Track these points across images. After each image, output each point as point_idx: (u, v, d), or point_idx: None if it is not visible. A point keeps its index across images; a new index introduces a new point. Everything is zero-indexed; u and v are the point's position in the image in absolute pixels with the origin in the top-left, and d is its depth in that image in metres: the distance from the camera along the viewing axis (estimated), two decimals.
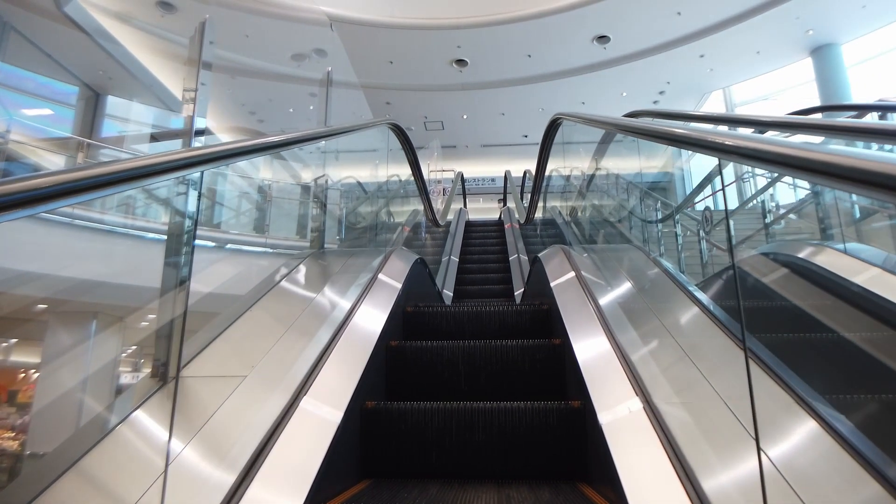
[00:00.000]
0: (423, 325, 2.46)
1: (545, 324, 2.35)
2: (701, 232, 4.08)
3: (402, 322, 2.38)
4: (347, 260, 2.69)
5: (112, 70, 11.13)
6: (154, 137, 12.95)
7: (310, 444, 1.34)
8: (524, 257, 6.72)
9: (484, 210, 17.96)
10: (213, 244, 8.53)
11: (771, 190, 5.70)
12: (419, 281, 3.25)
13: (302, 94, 13.31)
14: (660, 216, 3.88)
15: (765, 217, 4.19)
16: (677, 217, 3.91)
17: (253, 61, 11.41)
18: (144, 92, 11.76)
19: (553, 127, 3.31)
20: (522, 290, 5.48)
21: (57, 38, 10.25)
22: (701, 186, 4.32)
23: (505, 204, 12.01)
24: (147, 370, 1.58)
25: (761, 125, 1.90)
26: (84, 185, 0.85)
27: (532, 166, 13.12)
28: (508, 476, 1.67)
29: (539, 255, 3.14)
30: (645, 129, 1.77)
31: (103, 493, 1.13)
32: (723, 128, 1.99)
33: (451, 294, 5.60)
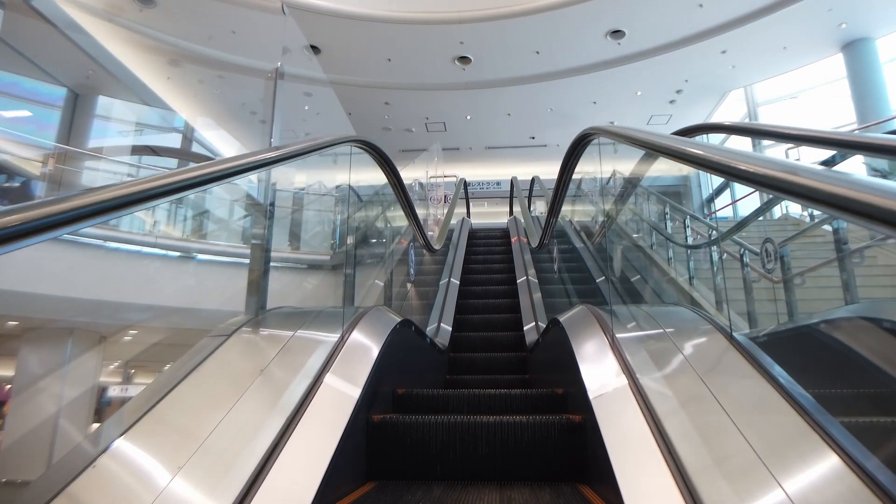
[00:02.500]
0: None
1: None
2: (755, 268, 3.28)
3: None
4: (297, 331, 1.92)
5: (90, 68, 10.41)
6: (153, 151, 12.24)
7: None
8: (534, 280, 5.94)
9: (488, 215, 17.17)
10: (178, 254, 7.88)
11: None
12: (400, 357, 2.49)
13: (296, 92, 12.56)
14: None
15: (839, 250, 3.22)
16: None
17: (193, 46, 10.55)
18: (122, 90, 11.05)
19: (581, 144, 2.53)
20: (533, 325, 4.70)
21: (31, 36, 9.53)
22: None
23: (511, 213, 11.21)
24: None
25: None
26: None
27: (540, 170, 12.34)
28: None
29: (560, 319, 2.36)
30: (759, 173, 1.00)
31: None
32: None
33: (450, 329, 4.83)
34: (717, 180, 13.13)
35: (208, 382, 1.56)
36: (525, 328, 4.75)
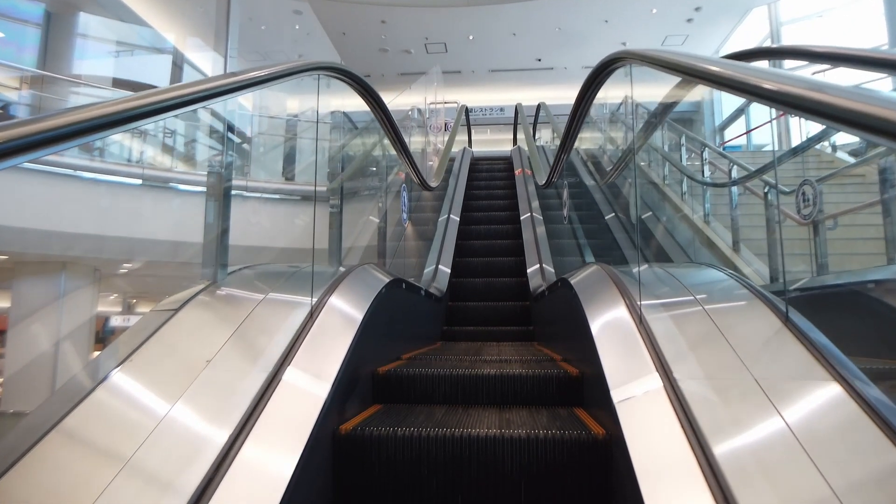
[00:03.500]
0: None
1: None
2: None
3: None
4: (266, 296, 1.62)
5: None
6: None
7: None
8: (538, 216, 5.60)
9: (491, 143, 16.56)
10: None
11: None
12: (388, 322, 2.20)
13: (285, 10, 11.72)
14: None
15: (885, 189, 2.87)
16: None
17: None
18: (97, 8, 10.28)
19: (605, 73, 2.08)
20: (537, 267, 4.42)
21: None
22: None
23: (515, 143, 10.67)
24: None
25: None
26: None
27: (546, 95, 11.65)
28: None
29: (572, 282, 2.04)
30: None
31: None
32: None
33: (448, 271, 4.55)
34: (729, 107, 12.37)
35: (146, 374, 1.27)
36: (529, 271, 4.47)
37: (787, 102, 0.83)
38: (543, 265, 4.35)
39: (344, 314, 1.70)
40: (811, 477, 0.91)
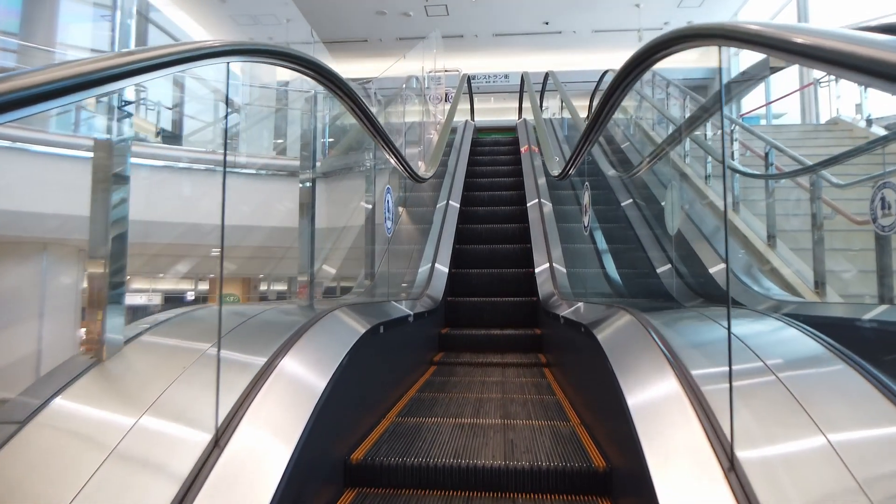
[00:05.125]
0: None
1: None
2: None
3: None
4: (163, 393, 1.11)
5: None
6: None
7: None
8: (545, 201, 5.06)
9: (495, 112, 15.84)
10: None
11: None
12: (363, 382, 1.69)
13: None
14: None
15: None
16: None
17: None
18: None
19: (661, 54, 1.43)
20: (546, 266, 3.90)
21: None
22: None
23: (521, 115, 9.99)
24: None
25: None
26: None
27: (554, 60, 10.88)
28: None
29: (599, 336, 1.50)
30: None
31: None
32: None
33: (446, 270, 4.03)
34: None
35: None
36: (537, 270, 3.95)
37: None
38: (554, 265, 3.83)
39: (279, 423, 1.18)
40: None
